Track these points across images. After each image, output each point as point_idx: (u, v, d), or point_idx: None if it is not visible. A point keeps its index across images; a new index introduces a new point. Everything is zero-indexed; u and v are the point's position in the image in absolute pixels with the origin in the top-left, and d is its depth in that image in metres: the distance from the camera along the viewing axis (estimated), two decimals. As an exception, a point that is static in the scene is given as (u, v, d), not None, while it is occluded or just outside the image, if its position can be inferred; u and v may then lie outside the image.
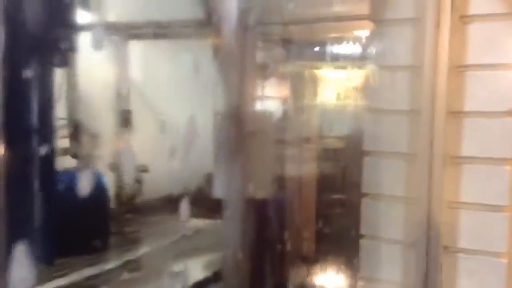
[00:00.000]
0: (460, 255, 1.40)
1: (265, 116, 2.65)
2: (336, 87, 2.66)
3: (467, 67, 1.37)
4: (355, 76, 2.47)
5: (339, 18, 1.72)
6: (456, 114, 1.38)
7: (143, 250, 3.27)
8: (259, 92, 2.47)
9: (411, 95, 1.43)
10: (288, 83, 2.59)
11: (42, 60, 1.82)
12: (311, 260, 2.64)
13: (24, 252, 1.65)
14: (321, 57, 2.51)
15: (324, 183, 2.72)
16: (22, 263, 1.63)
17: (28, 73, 1.69)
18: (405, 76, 1.44)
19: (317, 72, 2.69)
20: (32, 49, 1.72)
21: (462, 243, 1.39)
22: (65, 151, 3.22)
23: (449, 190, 1.39)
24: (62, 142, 3.18)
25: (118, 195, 3.59)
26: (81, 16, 2.45)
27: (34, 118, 1.80)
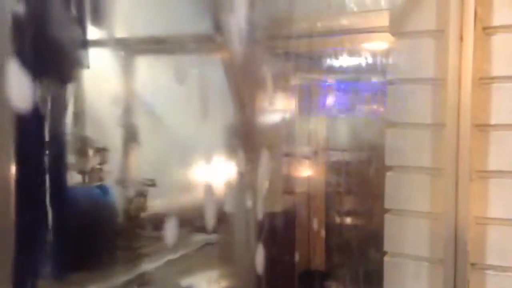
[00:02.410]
0: (489, 272, 1.36)
1: (277, 129, 2.62)
2: (355, 100, 2.63)
3: (492, 79, 1.34)
4: (374, 89, 2.45)
5: (357, 31, 1.70)
6: (482, 127, 1.35)
7: (152, 265, 3.23)
8: (270, 106, 2.45)
9: (434, 108, 1.40)
10: (304, 96, 2.56)
11: (52, 76, 1.80)
12: (329, 277, 2.60)
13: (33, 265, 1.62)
14: (340, 69, 2.49)
15: (339, 197, 2.69)
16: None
17: (39, 89, 1.66)
18: (428, 89, 1.41)
19: (334, 84, 2.67)
20: (42, 65, 1.70)
21: (491, 260, 1.36)
22: (73, 167, 3.20)
23: (476, 205, 1.36)
24: (70, 157, 3.16)
25: (125, 210, 3.55)
26: (89, 32, 2.42)
27: (45, 134, 1.78)
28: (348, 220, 2.75)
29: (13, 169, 0.89)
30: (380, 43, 1.89)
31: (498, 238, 1.35)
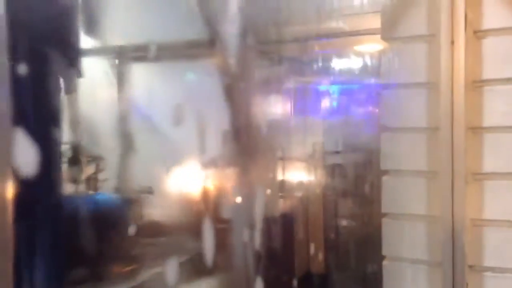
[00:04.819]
0: (486, 273, 1.37)
1: (271, 133, 2.63)
2: (347, 104, 2.64)
3: (484, 82, 1.36)
4: (369, 93, 2.46)
5: (350, 34, 1.71)
6: (475, 130, 1.36)
7: (151, 272, 3.22)
8: (265, 110, 2.45)
9: (428, 112, 1.41)
10: (297, 100, 2.57)
11: (49, 86, 1.80)
12: (328, 281, 2.60)
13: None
14: (332, 73, 2.50)
15: (334, 202, 2.70)
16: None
17: (36, 99, 1.66)
18: (421, 93, 1.42)
19: (327, 88, 2.68)
20: (39, 75, 1.70)
21: (488, 262, 1.36)
22: (67, 176, 3.19)
23: (472, 207, 1.37)
24: (64, 167, 3.15)
25: (123, 218, 3.55)
26: (84, 41, 2.42)
27: (41, 144, 1.77)
28: (346, 224, 2.76)
29: (9, 180, 0.89)
30: (373, 47, 1.90)
31: (495, 239, 1.36)
